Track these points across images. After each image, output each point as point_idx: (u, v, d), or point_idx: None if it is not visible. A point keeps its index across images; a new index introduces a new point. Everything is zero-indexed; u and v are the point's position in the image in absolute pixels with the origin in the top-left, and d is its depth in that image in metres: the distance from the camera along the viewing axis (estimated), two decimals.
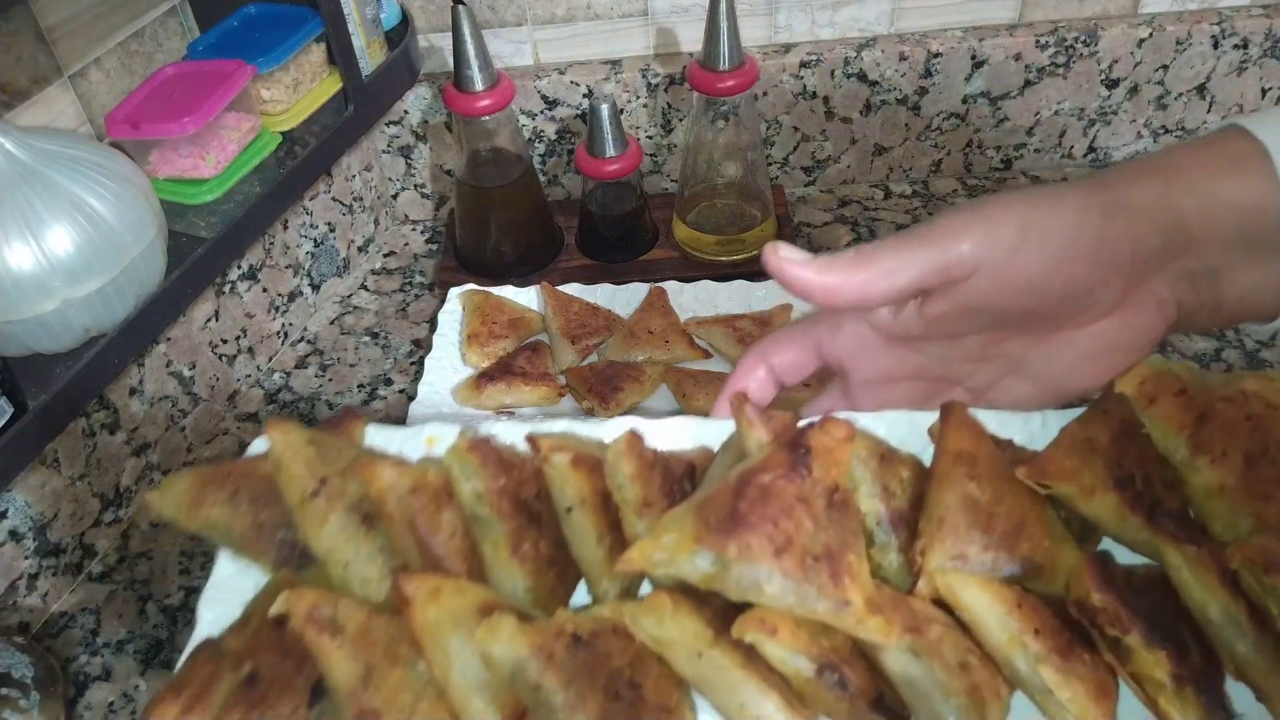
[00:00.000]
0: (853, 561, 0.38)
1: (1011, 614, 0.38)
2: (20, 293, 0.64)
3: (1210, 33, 0.96)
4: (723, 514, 0.37)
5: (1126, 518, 0.41)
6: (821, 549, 0.37)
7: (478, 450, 0.41)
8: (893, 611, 0.38)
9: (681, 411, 0.79)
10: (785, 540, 0.37)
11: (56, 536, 0.73)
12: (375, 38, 0.89)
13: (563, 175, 1.05)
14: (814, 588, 0.37)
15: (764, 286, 0.89)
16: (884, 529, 0.42)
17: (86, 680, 0.70)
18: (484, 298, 0.89)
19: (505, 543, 0.41)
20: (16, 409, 0.64)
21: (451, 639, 0.38)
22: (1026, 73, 0.98)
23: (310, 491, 0.42)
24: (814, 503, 0.38)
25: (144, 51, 0.81)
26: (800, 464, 0.39)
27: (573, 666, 0.36)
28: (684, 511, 0.38)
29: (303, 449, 0.43)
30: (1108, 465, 0.41)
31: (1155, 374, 0.44)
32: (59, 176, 0.65)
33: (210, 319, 0.84)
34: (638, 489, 0.41)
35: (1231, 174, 0.41)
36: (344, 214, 0.98)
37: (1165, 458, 0.43)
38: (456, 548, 0.42)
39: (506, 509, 0.41)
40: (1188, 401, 0.43)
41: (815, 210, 1.02)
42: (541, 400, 0.83)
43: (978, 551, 0.40)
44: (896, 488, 0.43)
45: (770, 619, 0.37)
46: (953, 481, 0.41)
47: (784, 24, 0.97)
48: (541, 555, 0.42)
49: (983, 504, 0.41)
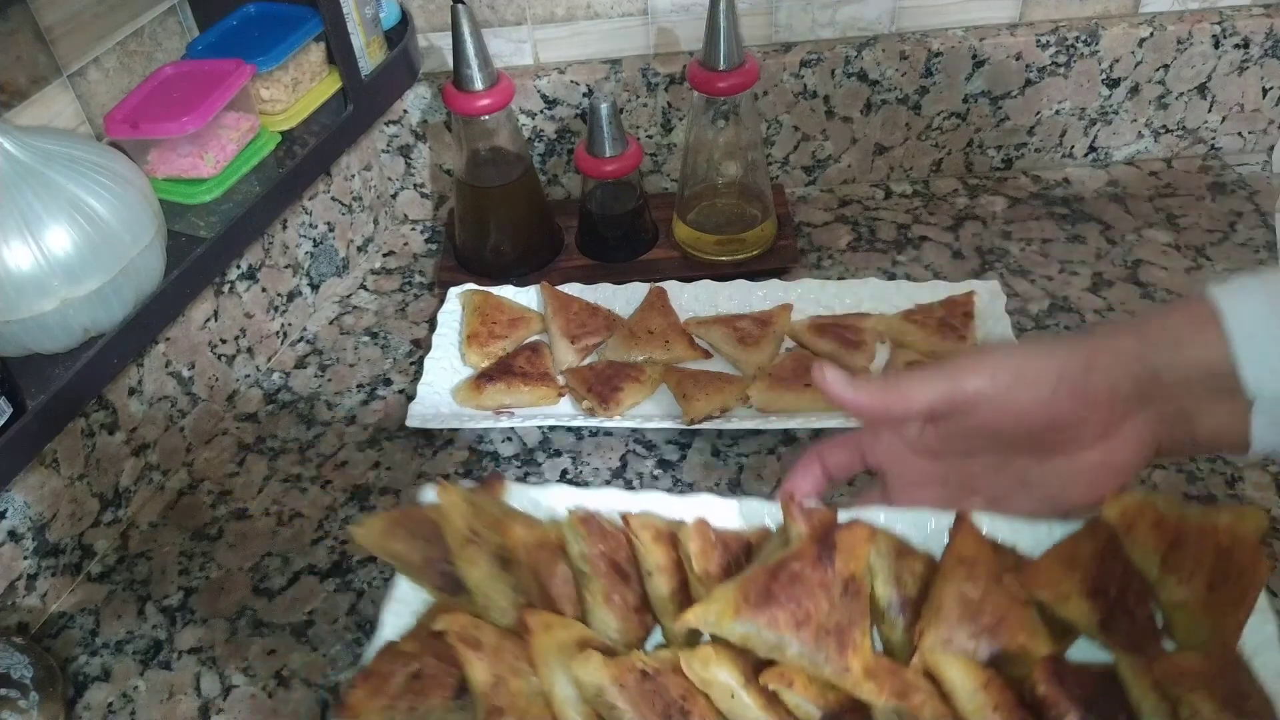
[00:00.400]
0: (857, 637, 0.49)
1: (979, 691, 0.49)
2: (19, 293, 0.64)
3: (1211, 32, 0.96)
4: (759, 592, 0.49)
5: (1095, 622, 0.51)
6: (834, 625, 0.49)
7: (584, 522, 0.54)
8: (886, 677, 0.49)
9: (682, 415, 0.79)
10: (805, 616, 0.49)
11: (55, 537, 0.73)
12: (375, 37, 0.89)
13: (563, 175, 1.04)
14: (823, 655, 0.48)
15: (764, 287, 0.89)
16: (894, 610, 0.53)
17: (86, 680, 0.70)
18: (483, 297, 0.89)
19: (600, 593, 0.54)
20: (16, 409, 0.64)
21: (557, 663, 0.51)
22: (1027, 72, 0.98)
23: (465, 539, 0.56)
24: (832, 589, 0.50)
25: (143, 51, 0.80)
26: (826, 557, 0.51)
27: (639, 694, 0.49)
28: (731, 587, 0.50)
29: (461, 505, 0.57)
30: (1085, 577, 0.51)
31: (1136, 505, 0.54)
32: (58, 176, 0.65)
33: (209, 319, 0.84)
34: (701, 563, 0.53)
35: (1195, 335, 0.49)
36: (343, 214, 0.98)
37: (1142, 574, 0.53)
38: (568, 592, 0.55)
39: (603, 568, 0.54)
40: (1162, 530, 0.52)
41: (816, 210, 1.02)
42: (541, 400, 0.83)
43: (963, 638, 0.51)
44: (908, 578, 0.53)
45: (789, 673, 0.49)
46: (953, 580, 0.52)
47: (784, 23, 0.97)
48: (628, 605, 0.55)
49: (973, 600, 0.51)
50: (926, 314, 0.84)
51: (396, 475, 0.81)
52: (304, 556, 0.76)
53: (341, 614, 0.72)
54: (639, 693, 0.49)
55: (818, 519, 0.54)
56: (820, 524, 0.53)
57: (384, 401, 0.87)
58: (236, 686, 0.68)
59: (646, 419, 0.80)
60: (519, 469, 0.80)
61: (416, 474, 0.81)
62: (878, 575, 0.54)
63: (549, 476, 0.79)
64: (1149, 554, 0.53)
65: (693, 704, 0.50)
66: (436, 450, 0.82)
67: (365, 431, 0.85)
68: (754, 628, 0.49)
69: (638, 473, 0.79)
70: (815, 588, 0.50)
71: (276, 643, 0.70)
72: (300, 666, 0.69)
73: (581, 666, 0.50)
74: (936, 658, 0.50)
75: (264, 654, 0.70)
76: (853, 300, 0.88)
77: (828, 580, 0.50)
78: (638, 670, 0.50)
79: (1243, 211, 0.97)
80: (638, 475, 0.79)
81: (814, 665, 0.49)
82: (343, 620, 0.71)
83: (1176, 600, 0.52)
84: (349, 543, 0.76)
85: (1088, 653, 0.53)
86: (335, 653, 0.70)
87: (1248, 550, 0.53)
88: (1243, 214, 0.96)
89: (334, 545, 0.76)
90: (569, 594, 0.55)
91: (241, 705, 0.67)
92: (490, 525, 0.57)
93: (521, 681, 0.52)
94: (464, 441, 0.82)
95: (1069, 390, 0.51)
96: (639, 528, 0.55)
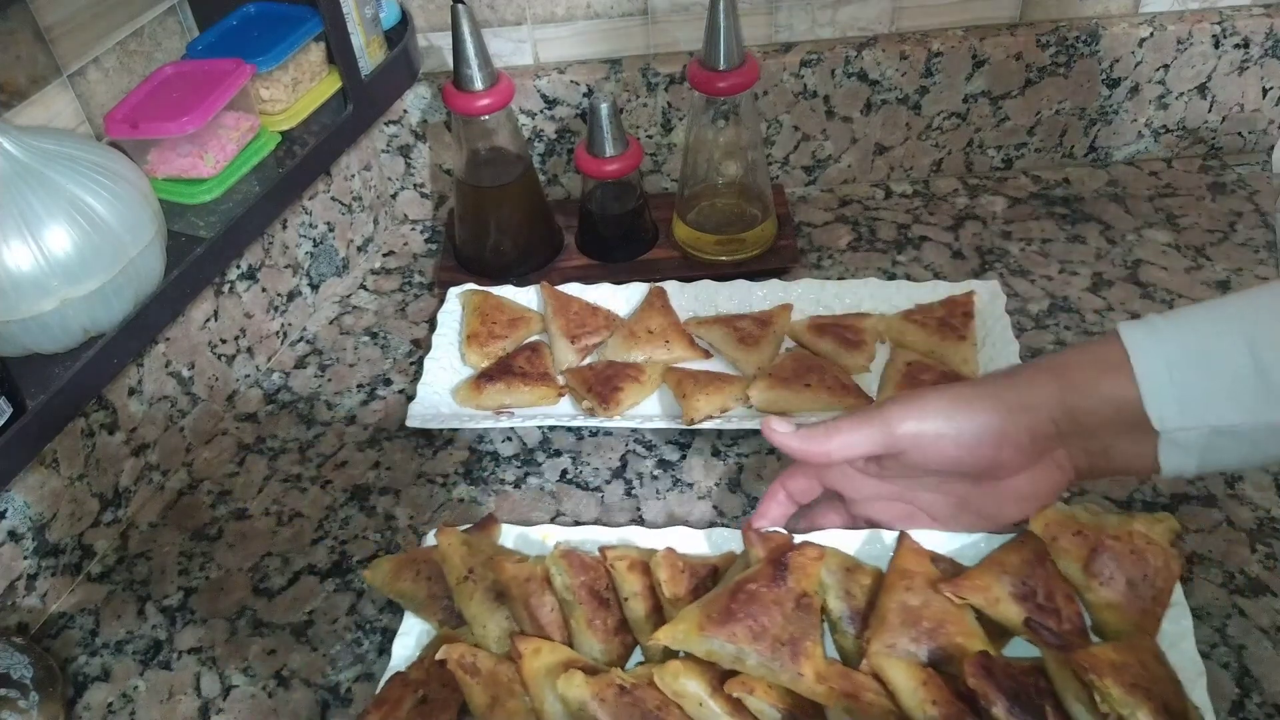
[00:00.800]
0: (809, 646, 0.56)
1: (919, 689, 0.56)
2: (19, 293, 0.64)
3: (1211, 32, 0.96)
4: (720, 611, 0.57)
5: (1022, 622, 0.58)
6: (788, 637, 0.56)
7: (566, 557, 0.62)
8: (837, 680, 0.56)
9: (682, 415, 0.79)
10: (761, 630, 0.56)
11: (55, 537, 0.73)
12: (374, 37, 0.89)
13: (563, 175, 1.04)
14: (779, 663, 0.55)
15: (764, 287, 0.89)
16: (846, 621, 0.61)
17: (86, 680, 0.69)
18: (483, 297, 0.89)
19: (584, 619, 0.61)
20: (15, 409, 0.64)
21: (546, 683, 0.57)
22: (1027, 72, 0.97)
23: (462, 577, 0.64)
24: (785, 604, 0.57)
25: (143, 51, 0.80)
26: (780, 576, 0.58)
27: (619, 706, 0.55)
28: (695, 608, 0.58)
29: (459, 547, 0.65)
30: (1013, 583, 0.59)
31: (1059, 517, 0.62)
32: (58, 176, 0.65)
33: (209, 319, 0.84)
34: (671, 588, 0.61)
35: (1106, 375, 0.55)
36: (343, 214, 0.98)
37: (1068, 579, 0.61)
38: (555, 620, 0.62)
39: (585, 596, 0.61)
40: (1083, 539, 0.60)
41: (816, 210, 1.02)
42: (541, 400, 0.82)
43: (906, 642, 0.58)
44: (857, 591, 0.61)
45: (750, 681, 0.56)
46: (895, 591, 0.60)
47: (784, 23, 0.97)
48: (609, 628, 0.62)
49: (914, 608, 0.59)
50: (926, 314, 0.84)
51: (396, 475, 0.81)
52: (304, 556, 0.76)
53: (341, 614, 0.72)
54: (618, 705, 0.55)
55: (774, 543, 0.61)
56: (775, 548, 0.61)
57: (384, 401, 0.87)
58: (236, 686, 0.68)
59: (646, 419, 0.80)
60: (519, 469, 0.80)
61: (416, 474, 0.81)
62: (829, 591, 0.61)
63: (549, 476, 0.79)
64: (1072, 561, 0.60)
65: (667, 714, 0.56)
66: (436, 450, 0.82)
67: (365, 431, 0.85)
68: (717, 642, 0.56)
69: (637, 473, 0.79)
70: (770, 604, 0.57)
71: (276, 643, 0.70)
72: (300, 666, 0.69)
73: (565, 684, 0.56)
74: (880, 661, 0.57)
75: (264, 654, 0.70)
76: (853, 300, 0.88)
77: (781, 597, 0.57)
78: (616, 685, 0.56)
79: (1243, 211, 0.97)
80: (638, 475, 0.79)
81: (771, 673, 0.55)
82: (343, 620, 0.71)
83: (1101, 601, 0.60)
84: (349, 543, 0.76)
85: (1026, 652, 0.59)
86: (335, 652, 0.70)
87: (1161, 553, 0.60)
88: (1243, 214, 0.96)
89: (334, 545, 0.76)
90: (556, 621, 0.62)
91: (241, 705, 0.67)
92: (485, 563, 0.64)
93: (516, 701, 0.58)
94: (464, 441, 0.82)
95: (992, 438, 0.57)
96: (615, 559, 0.62)
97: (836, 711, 0.56)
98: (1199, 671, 0.57)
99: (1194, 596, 0.67)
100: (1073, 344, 0.85)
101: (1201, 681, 0.57)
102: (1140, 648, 0.56)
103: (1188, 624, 0.60)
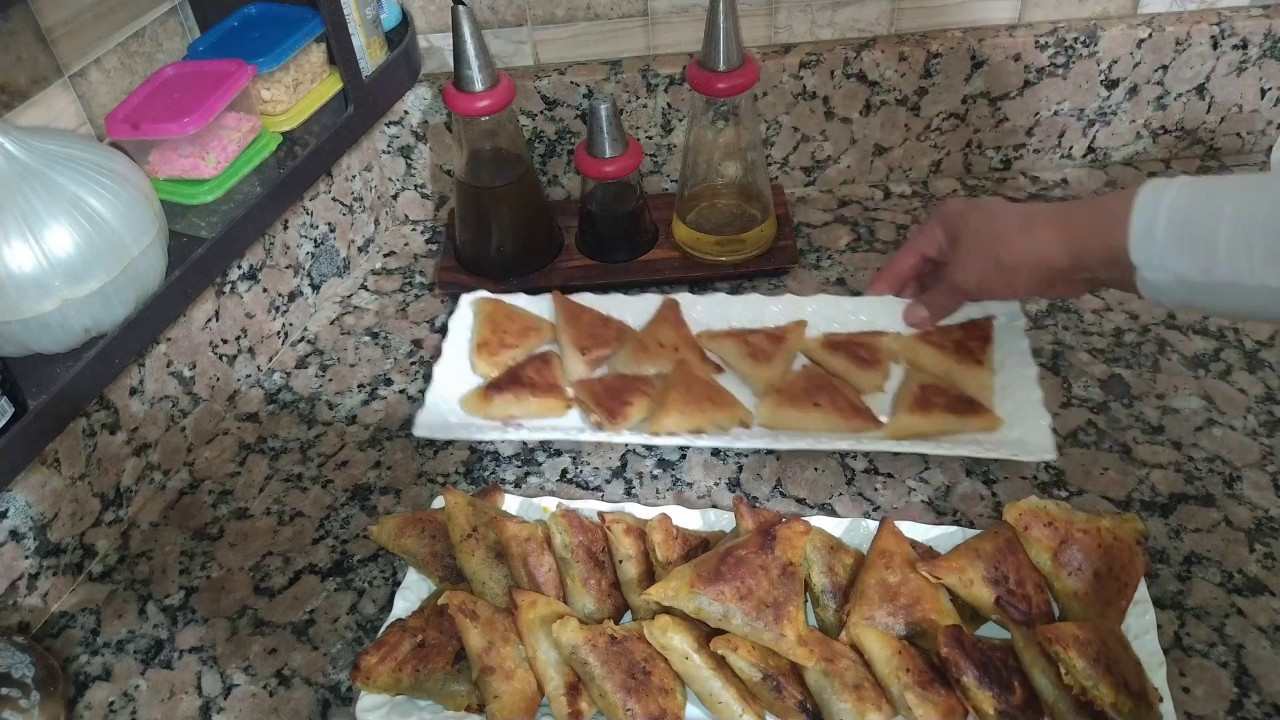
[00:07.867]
0: (792, 610, 0.60)
1: (893, 658, 0.60)
2: (20, 293, 0.64)
3: (1210, 33, 0.96)
4: (710, 572, 0.61)
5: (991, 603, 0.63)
6: (772, 600, 0.60)
7: (566, 517, 0.66)
8: (817, 645, 0.60)
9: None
10: (747, 591, 0.60)
11: (57, 536, 0.73)
12: (375, 38, 0.89)
13: (563, 175, 1.05)
14: (763, 624, 0.60)
15: (778, 302, 0.87)
16: (827, 595, 0.65)
17: (87, 680, 0.70)
18: (495, 306, 0.88)
19: (579, 578, 0.65)
20: (17, 409, 0.64)
21: (540, 632, 0.62)
22: (1026, 73, 0.98)
23: (466, 534, 0.67)
24: (771, 571, 0.61)
25: (144, 51, 0.81)
26: (767, 546, 0.62)
27: (608, 654, 0.60)
28: (687, 568, 0.62)
29: (464, 506, 0.68)
30: (986, 568, 0.63)
31: (1031, 510, 0.65)
32: (59, 176, 0.65)
33: (210, 319, 0.84)
34: (663, 551, 0.65)
35: (1110, 228, 0.65)
36: (344, 214, 0.98)
37: (1037, 568, 0.65)
38: (551, 579, 0.66)
39: (581, 556, 0.65)
40: (1054, 530, 0.65)
41: (815, 210, 1.02)
42: (549, 412, 0.81)
43: (883, 615, 0.62)
44: (839, 569, 0.66)
45: (734, 640, 0.60)
46: (875, 569, 0.64)
47: (784, 24, 0.97)
48: (602, 589, 0.66)
49: (892, 585, 0.63)
50: (944, 335, 0.82)
51: (397, 475, 0.81)
52: (305, 556, 0.76)
53: (342, 613, 0.72)
54: (608, 653, 0.60)
55: (762, 517, 0.65)
56: (764, 521, 0.65)
57: (385, 401, 0.87)
58: (237, 685, 0.68)
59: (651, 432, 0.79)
60: (519, 468, 0.80)
61: (417, 473, 0.81)
62: (813, 565, 0.65)
63: (549, 476, 0.79)
64: (1043, 550, 0.65)
65: (654, 665, 0.60)
66: (437, 450, 0.82)
67: (366, 431, 0.85)
68: (705, 599, 0.60)
69: (637, 472, 0.79)
70: (757, 569, 0.61)
71: (277, 642, 0.71)
72: (301, 665, 0.69)
73: (560, 629, 0.60)
74: (858, 631, 0.61)
75: (265, 653, 0.70)
76: (868, 317, 0.86)
77: (768, 564, 0.61)
78: (608, 635, 0.60)
79: None
80: (638, 475, 0.79)
81: (755, 633, 0.60)
82: (343, 619, 0.71)
83: (1069, 589, 0.64)
84: (350, 542, 0.76)
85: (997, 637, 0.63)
86: (336, 652, 0.70)
87: (1128, 549, 0.64)
88: None
89: (335, 545, 0.76)
90: (552, 580, 0.66)
91: (242, 704, 0.67)
92: (487, 523, 0.68)
93: (510, 648, 0.62)
94: (464, 441, 0.82)
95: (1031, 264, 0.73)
96: (612, 522, 0.66)
97: (815, 673, 0.60)
98: (1159, 662, 0.61)
99: (1193, 596, 0.67)
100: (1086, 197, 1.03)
101: (1162, 671, 0.60)
102: (1104, 630, 0.60)
103: (1151, 619, 0.63)
